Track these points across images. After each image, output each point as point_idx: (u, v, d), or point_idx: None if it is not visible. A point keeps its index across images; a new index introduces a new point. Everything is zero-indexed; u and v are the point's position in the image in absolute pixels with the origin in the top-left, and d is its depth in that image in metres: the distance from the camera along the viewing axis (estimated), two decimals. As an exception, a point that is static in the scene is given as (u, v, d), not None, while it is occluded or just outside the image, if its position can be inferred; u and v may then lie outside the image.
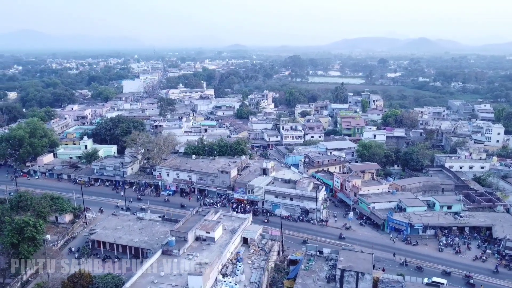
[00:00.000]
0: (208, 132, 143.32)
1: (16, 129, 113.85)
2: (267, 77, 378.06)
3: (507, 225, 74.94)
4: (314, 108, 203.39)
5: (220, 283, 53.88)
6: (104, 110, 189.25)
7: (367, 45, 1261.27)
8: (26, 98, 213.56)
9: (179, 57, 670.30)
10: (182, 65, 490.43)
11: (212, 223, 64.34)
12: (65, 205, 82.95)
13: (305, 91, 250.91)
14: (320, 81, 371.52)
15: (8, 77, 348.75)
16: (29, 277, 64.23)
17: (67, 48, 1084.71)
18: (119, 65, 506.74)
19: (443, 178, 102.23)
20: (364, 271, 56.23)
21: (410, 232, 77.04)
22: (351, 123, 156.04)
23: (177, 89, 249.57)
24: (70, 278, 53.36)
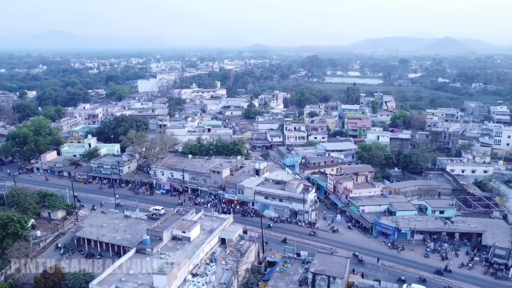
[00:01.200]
0: (211, 132, 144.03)
1: (21, 127, 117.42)
2: (283, 77, 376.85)
3: (499, 231, 72.26)
4: (323, 109, 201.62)
5: (188, 283, 54.04)
6: (115, 109, 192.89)
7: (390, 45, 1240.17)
8: (42, 97, 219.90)
9: (199, 57, 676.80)
10: (201, 65, 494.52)
11: (189, 223, 64.61)
12: (58, 202, 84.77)
13: (317, 91, 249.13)
14: (337, 82, 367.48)
15: (31, 76, 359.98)
16: (13, 271, 66.02)
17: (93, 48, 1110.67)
18: (139, 65, 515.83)
19: (443, 182, 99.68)
20: (336, 275, 55.45)
21: (397, 236, 75.29)
22: (357, 124, 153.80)
23: (189, 89, 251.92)
24: (43, 274, 54.59)
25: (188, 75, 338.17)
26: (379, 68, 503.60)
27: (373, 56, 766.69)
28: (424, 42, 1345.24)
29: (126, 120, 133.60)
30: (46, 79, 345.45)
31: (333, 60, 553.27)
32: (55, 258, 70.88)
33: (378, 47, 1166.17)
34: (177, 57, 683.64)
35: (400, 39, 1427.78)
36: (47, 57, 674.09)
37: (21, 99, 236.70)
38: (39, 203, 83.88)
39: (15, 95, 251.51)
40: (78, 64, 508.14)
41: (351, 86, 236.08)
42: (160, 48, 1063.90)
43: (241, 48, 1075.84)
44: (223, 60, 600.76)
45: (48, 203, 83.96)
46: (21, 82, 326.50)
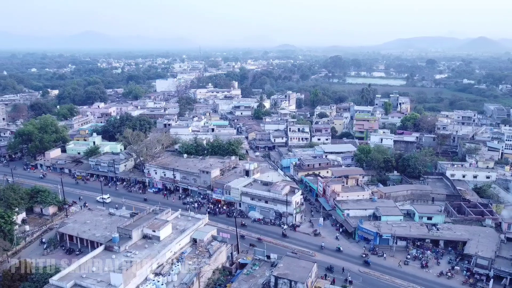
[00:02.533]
0: (215, 132, 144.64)
1: (27, 124, 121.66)
2: (303, 77, 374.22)
3: (485, 240, 69.08)
4: (335, 110, 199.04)
5: (149, 281, 54.47)
6: (129, 108, 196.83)
7: (422, 45, 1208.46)
8: (62, 95, 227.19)
9: (224, 57, 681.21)
10: (223, 65, 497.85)
11: (160, 222, 65.14)
12: (50, 198, 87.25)
13: (332, 92, 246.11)
14: (358, 82, 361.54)
15: (58, 75, 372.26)
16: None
17: (124, 48, 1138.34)
18: (163, 64, 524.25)
19: (440, 187, 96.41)
20: (297, 280, 54.65)
21: (379, 242, 73.31)
22: (364, 126, 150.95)
23: (205, 89, 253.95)
24: (10, 268, 56.39)
25: (207, 75, 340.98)
26: (405, 69, 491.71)
27: (401, 56, 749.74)
28: (457, 42, 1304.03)
29: (130, 119, 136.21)
30: (72, 78, 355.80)
31: (357, 60, 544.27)
32: (38, 253, 73.74)
33: (409, 47, 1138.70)
34: (202, 57, 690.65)
35: (433, 39, 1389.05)
36: (78, 57, 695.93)
37: (43, 97, 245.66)
38: (32, 198, 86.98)
39: (39, 94, 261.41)
40: (104, 64, 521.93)
41: (365, 87, 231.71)
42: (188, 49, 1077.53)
43: (268, 48, 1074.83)
44: (247, 60, 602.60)
45: (40, 199, 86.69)
46: (48, 81, 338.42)
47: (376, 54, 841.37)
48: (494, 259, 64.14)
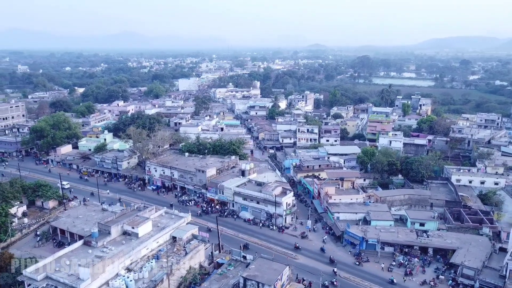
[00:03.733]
0: (224, 131, 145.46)
1: (40, 121, 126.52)
2: (328, 78, 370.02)
3: (475, 250, 65.88)
4: (353, 111, 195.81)
5: (119, 277, 55.42)
6: (147, 106, 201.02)
7: (459, 45, 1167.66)
8: (85, 93, 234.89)
9: (253, 57, 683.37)
10: (249, 64, 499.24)
11: (140, 219, 66.12)
12: (50, 192, 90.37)
13: (353, 93, 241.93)
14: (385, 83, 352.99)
15: (88, 74, 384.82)
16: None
17: (158, 48, 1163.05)
18: (191, 64, 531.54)
19: (444, 192, 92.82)
20: (265, 282, 54.10)
21: (366, 247, 71.42)
22: (376, 128, 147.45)
23: (224, 88, 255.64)
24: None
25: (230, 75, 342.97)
26: (437, 70, 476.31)
27: (435, 57, 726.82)
28: (497, 42, 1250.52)
29: (141, 117, 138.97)
30: (102, 77, 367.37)
31: (387, 60, 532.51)
32: (30, 245, 76.64)
33: (445, 47, 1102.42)
34: (231, 57, 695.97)
35: (470, 39, 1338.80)
36: (111, 57, 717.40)
37: (70, 95, 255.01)
38: (34, 192, 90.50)
39: (67, 92, 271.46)
40: (135, 63, 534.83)
41: (386, 88, 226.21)
42: (219, 48, 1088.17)
43: (299, 48, 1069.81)
44: (275, 60, 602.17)
45: (41, 193, 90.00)
46: (78, 79, 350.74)
47: (409, 54, 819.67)
48: (481, 269, 61.12)
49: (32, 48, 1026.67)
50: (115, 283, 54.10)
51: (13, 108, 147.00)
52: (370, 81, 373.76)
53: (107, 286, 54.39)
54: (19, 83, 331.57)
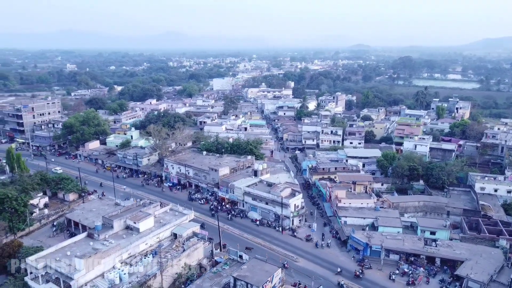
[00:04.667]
0: (247, 131, 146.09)
1: (71, 117, 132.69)
2: (366, 78, 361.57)
3: (485, 262, 62.20)
4: (384, 113, 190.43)
5: (114, 270, 57.16)
6: (179, 105, 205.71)
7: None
8: (122, 92, 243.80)
9: (292, 57, 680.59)
10: (287, 65, 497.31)
11: (142, 215, 67.76)
12: (71, 185, 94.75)
13: (387, 95, 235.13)
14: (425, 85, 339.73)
15: (130, 73, 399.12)
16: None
17: (200, 48, 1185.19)
18: (230, 63, 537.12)
19: (465, 200, 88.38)
20: (253, 283, 54.00)
21: (370, 253, 69.31)
22: (404, 131, 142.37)
23: (256, 88, 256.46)
24: (3, 245, 62.59)
25: (264, 75, 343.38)
26: (485, 71, 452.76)
27: (485, 57, 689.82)
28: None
29: (166, 116, 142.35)
30: (142, 75, 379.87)
31: (430, 61, 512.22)
32: (46, 235, 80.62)
33: (497, 48, 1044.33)
34: (271, 57, 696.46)
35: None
36: (155, 56, 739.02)
37: (109, 93, 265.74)
38: (57, 185, 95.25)
39: (107, 90, 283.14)
40: (176, 63, 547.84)
41: (421, 90, 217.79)
42: (260, 48, 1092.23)
43: (342, 48, 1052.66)
44: (313, 60, 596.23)
45: (62, 186, 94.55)
46: (119, 78, 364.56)
47: (457, 55, 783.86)
48: (488, 283, 57.66)
49: (82, 48, 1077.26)
50: (110, 275, 55.89)
51: (49, 104, 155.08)
52: (410, 82, 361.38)
53: (102, 277, 56.32)
54: (65, 81, 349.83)
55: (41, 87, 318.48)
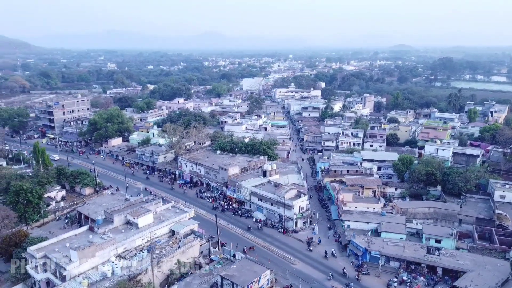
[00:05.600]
0: (267, 131, 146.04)
1: (96, 114, 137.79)
2: (401, 80, 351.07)
3: (489, 274, 58.93)
4: (413, 115, 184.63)
5: (108, 262, 58.95)
6: (205, 104, 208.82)
7: None
8: (153, 90, 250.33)
9: (328, 57, 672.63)
10: (321, 65, 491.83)
11: (142, 211, 69.35)
12: (88, 180, 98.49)
13: (419, 97, 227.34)
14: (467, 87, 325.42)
15: (165, 72, 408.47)
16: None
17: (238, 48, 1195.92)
18: (264, 63, 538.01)
19: (481, 208, 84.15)
20: (239, 283, 54.16)
21: (369, 259, 67.48)
22: (429, 135, 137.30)
23: (284, 89, 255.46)
24: (11, 234, 66.07)
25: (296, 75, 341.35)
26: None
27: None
28: None
29: (187, 114, 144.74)
30: (177, 75, 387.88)
31: (473, 62, 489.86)
32: (58, 227, 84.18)
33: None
34: (307, 57, 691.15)
35: None
36: (193, 56, 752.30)
37: (141, 92, 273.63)
38: (75, 179, 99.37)
39: (140, 88, 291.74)
40: (211, 63, 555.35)
41: (454, 92, 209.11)
42: (297, 49, 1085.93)
43: (382, 49, 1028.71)
44: (350, 61, 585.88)
45: (79, 180, 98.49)
46: (155, 77, 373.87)
47: (505, 55, 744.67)
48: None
49: (125, 47, 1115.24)
50: (103, 268, 57.76)
51: (79, 102, 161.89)
52: (448, 84, 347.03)
53: (96, 270, 58.25)
54: (104, 79, 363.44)
55: (80, 85, 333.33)
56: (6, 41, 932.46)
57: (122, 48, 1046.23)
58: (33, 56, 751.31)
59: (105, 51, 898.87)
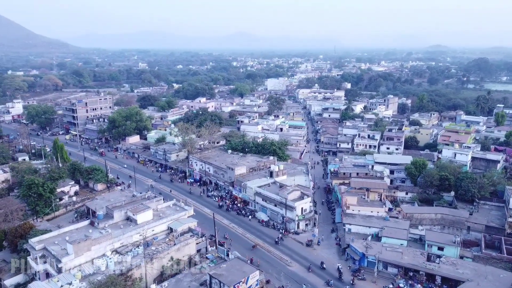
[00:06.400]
0: (283, 132, 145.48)
1: (115, 112, 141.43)
2: (432, 81, 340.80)
3: (489, 285, 56.32)
4: (437, 118, 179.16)
5: (104, 257, 60.48)
6: (226, 104, 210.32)
7: None
8: (178, 90, 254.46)
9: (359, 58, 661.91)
10: (349, 66, 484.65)
11: (142, 208, 70.67)
12: (100, 176, 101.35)
13: (446, 99, 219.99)
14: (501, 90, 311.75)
15: (193, 72, 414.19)
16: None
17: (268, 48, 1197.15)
18: (292, 64, 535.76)
19: (494, 216, 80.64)
20: (225, 283, 54.37)
21: (367, 264, 66.01)
22: (449, 138, 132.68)
23: (307, 89, 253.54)
24: (17, 226, 68.95)
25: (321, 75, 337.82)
26: None
27: None
28: None
29: (203, 114, 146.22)
30: (205, 74, 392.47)
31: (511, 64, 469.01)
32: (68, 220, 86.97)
33: None
34: (337, 57, 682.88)
35: None
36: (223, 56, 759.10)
37: (167, 91, 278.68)
38: (89, 175, 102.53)
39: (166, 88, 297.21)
40: (240, 63, 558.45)
41: (483, 95, 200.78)
42: (328, 49, 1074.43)
43: (416, 49, 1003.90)
44: (381, 61, 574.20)
45: (93, 176, 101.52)
46: (182, 76, 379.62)
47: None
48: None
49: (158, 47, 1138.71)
50: (97, 262, 59.31)
51: (101, 100, 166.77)
52: (482, 86, 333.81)
53: (91, 263, 59.90)
54: (133, 78, 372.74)
55: (111, 84, 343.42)
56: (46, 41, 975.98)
57: (155, 48, 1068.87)
58: (71, 55, 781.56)
59: (139, 50, 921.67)
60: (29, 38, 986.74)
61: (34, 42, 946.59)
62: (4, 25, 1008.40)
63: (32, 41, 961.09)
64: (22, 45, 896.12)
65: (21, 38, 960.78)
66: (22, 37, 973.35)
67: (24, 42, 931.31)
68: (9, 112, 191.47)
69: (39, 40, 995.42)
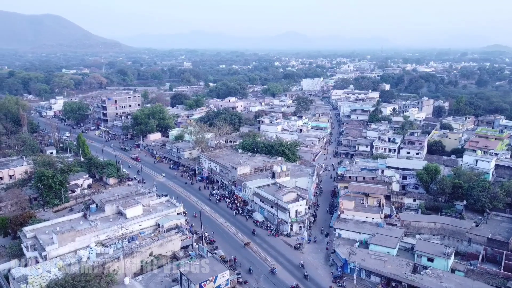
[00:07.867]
0: (302, 133, 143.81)
1: (138, 110, 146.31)
2: (480, 83, 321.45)
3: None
4: (472, 122, 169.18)
5: (88, 248, 63.05)
6: (255, 103, 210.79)
7: None
8: (211, 89, 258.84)
9: (406, 58, 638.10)
10: (393, 66, 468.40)
11: (132, 203, 72.85)
12: (113, 171, 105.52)
13: (488, 102, 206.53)
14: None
15: (233, 72, 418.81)
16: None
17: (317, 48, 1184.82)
18: (335, 64, 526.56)
19: (504, 229, 75.29)
20: (192, 280, 54.91)
21: (350, 272, 63.89)
22: (477, 144, 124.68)
23: (341, 90, 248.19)
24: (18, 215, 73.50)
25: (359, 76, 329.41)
26: None
27: None
28: None
29: (223, 113, 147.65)
30: (245, 74, 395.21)
31: None
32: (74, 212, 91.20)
33: None
34: (383, 57, 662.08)
35: None
36: (267, 56, 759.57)
37: (202, 90, 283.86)
38: (103, 169, 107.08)
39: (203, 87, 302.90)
40: (283, 63, 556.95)
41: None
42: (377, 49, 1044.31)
43: (473, 49, 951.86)
44: (429, 62, 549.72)
45: (106, 170, 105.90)
46: (222, 76, 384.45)
47: None
48: (458, 327, 48.99)
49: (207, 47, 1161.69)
50: (80, 252, 61.96)
51: (130, 98, 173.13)
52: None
53: (75, 253, 62.64)
54: (175, 77, 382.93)
55: (153, 82, 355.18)
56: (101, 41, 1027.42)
57: (203, 48, 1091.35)
58: (123, 55, 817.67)
59: (187, 50, 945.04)
60: (87, 38, 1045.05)
61: (91, 42, 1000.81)
62: (64, 26, 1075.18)
63: (89, 41, 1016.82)
64: (80, 45, 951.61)
65: (79, 39, 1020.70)
66: (81, 38, 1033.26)
67: (82, 42, 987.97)
68: (51, 108, 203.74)
69: (95, 40, 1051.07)
